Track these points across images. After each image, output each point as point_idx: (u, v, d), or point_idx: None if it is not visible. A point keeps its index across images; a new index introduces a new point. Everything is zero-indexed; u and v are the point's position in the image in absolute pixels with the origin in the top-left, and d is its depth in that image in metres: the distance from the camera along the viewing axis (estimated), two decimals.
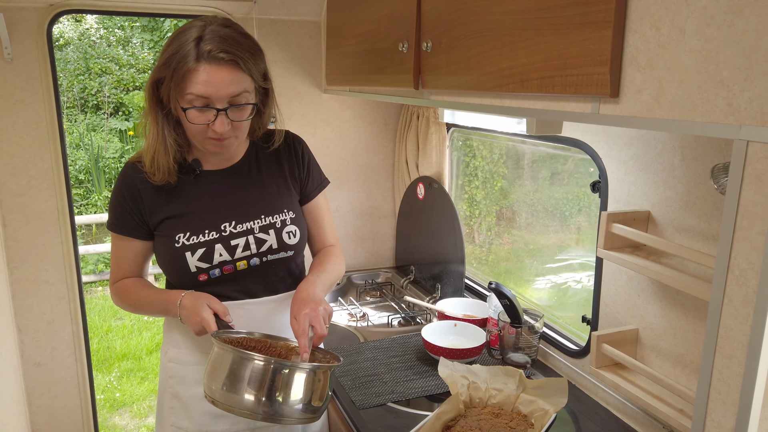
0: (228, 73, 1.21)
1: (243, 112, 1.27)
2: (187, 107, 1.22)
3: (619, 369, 1.38)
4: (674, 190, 1.26)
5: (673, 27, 0.80)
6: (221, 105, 1.22)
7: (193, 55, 1.19)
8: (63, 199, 2.07)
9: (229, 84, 1.21)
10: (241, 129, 1.29)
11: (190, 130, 1.27)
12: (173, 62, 1.21)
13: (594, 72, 0.92)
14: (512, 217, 2.23)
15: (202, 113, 1.23)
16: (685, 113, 0.79)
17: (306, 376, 1.14)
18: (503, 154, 2.23)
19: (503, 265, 2.33)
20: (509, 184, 2.24)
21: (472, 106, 1.28)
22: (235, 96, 1.23)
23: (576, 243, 1.89)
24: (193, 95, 1.20)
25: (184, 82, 1.21)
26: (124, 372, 4.32)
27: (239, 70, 1.22)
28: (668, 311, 1.29)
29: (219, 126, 1.23)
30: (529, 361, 1.67)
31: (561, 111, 1.02)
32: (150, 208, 1.33)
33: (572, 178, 1.86)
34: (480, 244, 2.47)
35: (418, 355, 1.75)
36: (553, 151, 1.87)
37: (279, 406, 1.12)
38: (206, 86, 1.19)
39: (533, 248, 2.12)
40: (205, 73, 1.19)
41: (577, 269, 1.89)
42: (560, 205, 1.94)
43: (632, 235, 1.25)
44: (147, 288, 1.38)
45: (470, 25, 1.21)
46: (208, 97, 1.20)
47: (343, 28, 1.99)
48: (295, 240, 1.41)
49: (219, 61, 1.19)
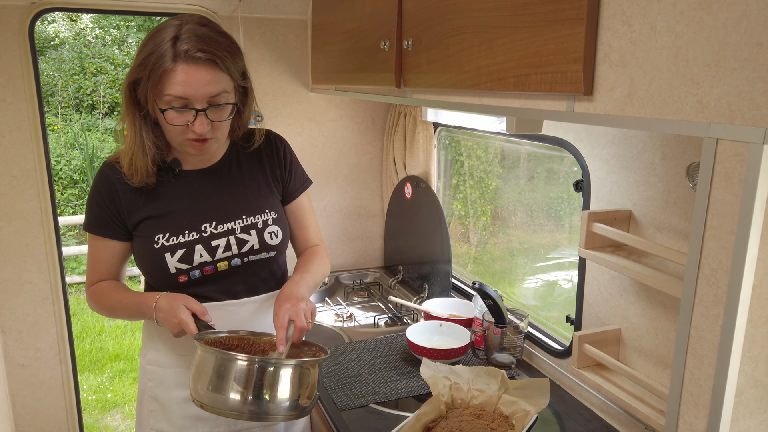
0: (206, 73, 1.19)
1: (222, 112, 1.25)
2: (166, 108, 1.20)
3: (601, 369, 1.37)
4: (655, 189, 1.25)
5: (644, 23, 0.79)
6: (200, 105, 1.20)
7: (169, 55, 1.17)
8: (46, 198, 2.05)
9: (208, 84, 1.19)
10: (221, 129, 1.28)
11: (169, 131, 1.25)
12: (149, 63, 1.19)
13: (568, 69, 0.91)
14: (504, 216, 2.22)
15: (180, 114, 1.21)
16: (657, 111, 0.78)
17: (292, 371, 1.13)
18: (489, 152, 2.22)
19: (496, 265, 2.32)
20: (501, 183, 2.23)
21: (453, 105, 1.27)
22: (214, 96, 1.21)
23: (567, 242, 1.88)
24: (171, 96, 1.18)
25: (161, 83, 1.19)
26: (117, 373, 4.30)
27: (218, 70, 1.21)
28: (649, 311, 1.28)
29: (199, 127, 1.21)
30: (513, 362, 1.66)
31: (538, 109, 1.01)
32: (128, 209, 1.32)
33: (561, 178, 1.85)
34: (472, 244, 2.46)
35: (402, 355, 1.73)
36: (545, 151, 1.86)
37: (267, 405, 1.11)
38: (184, 87, 1.18)
39: (524, 247, 2.11)
40: (182, 74, 1.17)
41: (568, 268, 1.88)
42: (552, 204, 1.93)
43: (613, 235, 1.24)
44: (122, 291, 1.35)
45: (449, 22, 1.20)
46: (187, 97, 1.19)
47: (327, 26, 1.97)
48: (277, 240, 1.40)
49: (197, 60, 1.18)
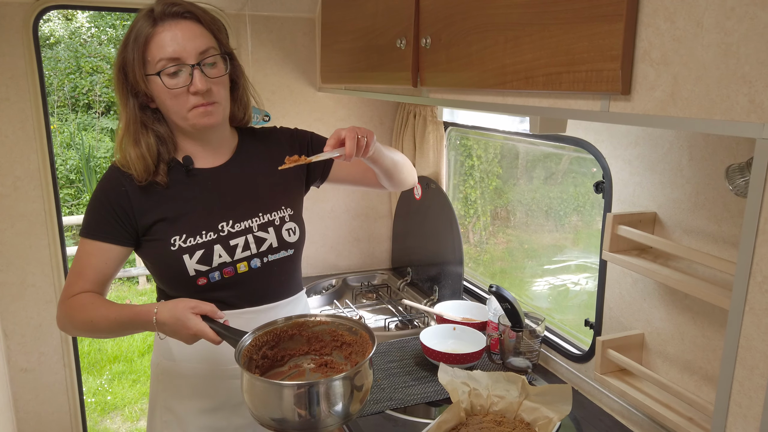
0: (189, 28, 1.20)
1: (217, 68, 1.23)
2: (159, 72, 1.18)
3: (624, 375, 1.34)
4: (682, 190, 1.22)
5: (689, 20, 0.76)
6: (193, 60, 1.19)
7: (148, 23, 1.18)
8: (50, 199, 2.01)
9: (195, 37, 1.19)
10: (222, 91, 1.25)
11: (171, 105, 1.22)
12: (131, 38, 1.19)
13: (604, 68, 0.87)
14: (510, 218, 2.19)
15: (176, 76, 1.19)
16: (703, 111, 0.75)
17: (343, 383, 1.07)
18: (499, 153, 2.19)
19: (498, 265, 2.30)
20: (508, 185, 2.20)
21: (474, 105, 1.24)
22: (203, 52, 1.20)
23: (573, 243, 1.86)
24: (162, 60, 1.17)
25: (148, 50, 1.18)
26: (116, 375, 4.26)
27: (199, 24, 1.22)
28: (675, 315, 1.26)
29: (199, 82, 1.18)
30: (530, 366, 1.63)
31: (568, 109, 0.98)
32: (139, 210, 1.26)
33: (569, 177, 1.82)
34: (475, 244, 2.43)
35: (416, 360, 1.70)
36: (553, 150, 1.83)
37: (332, 417, 1.06)
38: (172, 44, 1.17)
39: (530, 248, 2.08)
40: (166, 33, 1.18)
41: (574, 271, 1.85)
42: (558, 204, 1.90)
43: (639, 237, 1.21)
44: (109, 304, 1.22)
45: (472, 19, 1.17)
46: (177, 56, 1.17)
47: (338, 24, 1.94)
48: (295, 237, 1.36)
49: (176, 16, 1.19)
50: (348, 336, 1.25)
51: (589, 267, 1.78)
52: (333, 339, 1.26)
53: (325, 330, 1.26)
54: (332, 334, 1.26)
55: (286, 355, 1.25)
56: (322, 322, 1.26)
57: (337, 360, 1.25)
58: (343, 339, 1.25)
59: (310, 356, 1.26)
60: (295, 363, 1.25)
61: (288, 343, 1.25)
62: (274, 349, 1.23)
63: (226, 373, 1.33)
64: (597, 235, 1.73)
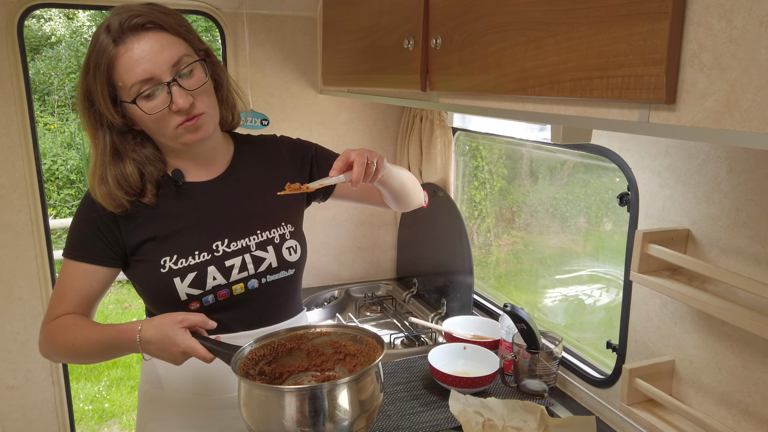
0: (156, 39, 1.05)
1: (195, 76, 1.10)
2: (134, 98, 1.06)
3: (653, 406, 1.23)
4: (719, 206, 1.11)
5: (750, 18, 0.65)
6: (168, 77, 1.06)
7: (108, 41, 1.04)
8: (37, 208, 1.91)
9: (162, 50, 1.05)
10: (206, 100, 1.12)
11: (155, 128, 1.10)
12: (91, 62, 1.06)
13: (645, 73, 0.76)
14: (525, 227, 2.08)
15: (153, 98, 1.06)
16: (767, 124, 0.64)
17: (348, 387, 0.99)
18: (506, 155, 2.08)
19: (519, 277, 2.19)
20: (517, 188, 2.09)
21: (489, 111, 1.13)
22: (176, 64, 1.07)
23: (591, 253, 1.75)
24: (135, 84, 1.05)
25: (116, 75, 1.05)
26: (114, 381, 4.17)
27: (164, 32, 1.07)
28: (711, 343, 1.14)
29: (179, 99, 1.06)
30: (546, 389, 1.52)
31: (599, 119, 0.87)
32: (126, 229, 1.15)
33: (587, 187, 1.71)
34: (479, 246, 2.32)
35: (424, 382, 1.59)
36: (580, 160, 1.71)
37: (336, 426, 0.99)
38: (141, 63, 1.04)
39: (543, 255, 1.97)
40: (131, 52, 1.04)
41: (588, 281, 1.74)
42: (568, 210, 1.79)
43: (673, 258, 1.10)
44: (91, 325, 1.13)
45: (487, 18, 1.06)
46: (150, 76, 1.04)
47: (340, 23, 1.83)
48: (296, 256, 1.26)
49: (137, 30, 1.04)
50: (352, 346, 1.15)
51: (602, 278, 1.68)
52: (335, 351, 1.17)
53: (326, 342, 1.17)
54: (334, 346, 1.17)
55: (285, 371, 1.15)
56: (323, 333, 1.17)
57: (340, 374, 1.15)
58: (347, 350, 1.16)
59: (311, 372, 1.17)
60: (294, 380, 1.15)
61: (286, 359, 1.16)
62: (272, 364, 1.13)
63: (219, 403, 1.23)
64: (615, 247, 1.63)
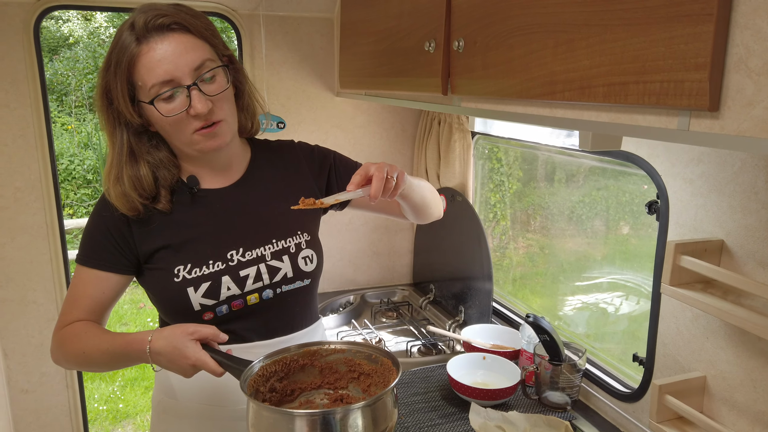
0: (180, 41, 1.03)
1: (217, 82, 1.07)
2: (153, 99, 1.03)
3: (682, 424, 1.18)
4: (756, 216, 1.05)
5: None
6: (188, 80, 1.03)
7: (131, 39, 1.02)
8: (52, 211, 1.90)
9: (187, 52, 1.03)
10: (225, 107, 1.09)
11: (171, 132, 1.08)
12: (113, 59, 1.04)
13: (686, 78, 0.72)
14: (541, 230, 2.03)
15: (172, 101, 1.04)
16: None
17: (362, 412, 0.94)
18: (524, 160, 2.03)
19: (538, 285, 2.14)
20: (541, 195, 2.04)
21: (515, 116, 1.09)
22: (198, 68, 1.04)
23: (606, 259, 1.70)
24: (154, 85, 1.02)
25: (136, 74, 1.03)
26: (128, 381, 4.18)
27: (189, 35, 1.05)
28: (746, 360, 1.09)
29: (199, 104, 1.03)
30: (569, 402, 1.47)
31: (634, 126, 0.83)
32: (140, 236, 1.13)
33: (627, 196, 1.66)
34: (494, 249, 2.28)
35: (442, 393, 1.55)
36: (605, 165, 1.66)
37: None
38: (162, 64, 1.01)
39: (561, 260, 1.92)
40: (154, 52, 1.01)
41: (606, 289, 1.69)
42: (588, 215, 1.74)
43: (707, 271, 1.05)
44: (102, 333, 1.11)
45: (514, 20, 1.02)
46: (170, 77, 1.02)
47: (358, 25, 1.80)
48: (312, 266, 1.22)
49: (161, 30, 1.02)
50: (367, 365, 1.11)
51: (624, 285, 1.63)
52: (349, 369, 1.12)
53: (341, 359, 1.13)
54: (348, 364, 1.12)
55: (297, 388, 1.11)
56: (337, 350, 1.13)
57: (354, 394, 1.11)
58: (361, 369, 1.11)
59: (323, 390, 1.13)
60: (306, 398, 1.11)
61: (299, 375, 1.12)
62: (283, 381, 1.10)
63: (233, 414, 1.20)
64: (637, 254, 1.58)
